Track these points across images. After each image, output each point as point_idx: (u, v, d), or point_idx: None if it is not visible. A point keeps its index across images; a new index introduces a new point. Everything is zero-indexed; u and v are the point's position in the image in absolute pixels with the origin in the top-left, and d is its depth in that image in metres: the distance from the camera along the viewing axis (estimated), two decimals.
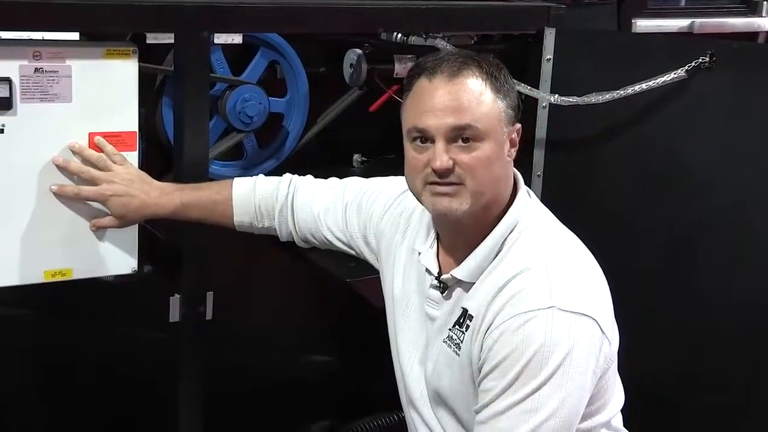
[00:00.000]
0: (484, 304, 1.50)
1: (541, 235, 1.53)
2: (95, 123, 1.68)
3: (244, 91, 1.99)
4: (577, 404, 1.46)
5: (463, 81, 1.48)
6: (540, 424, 1.42)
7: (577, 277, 1.50)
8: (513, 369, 1.43)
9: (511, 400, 1.43)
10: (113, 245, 1.75)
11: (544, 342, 1.42)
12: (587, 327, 1.45)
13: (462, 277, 1.55)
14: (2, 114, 1.59)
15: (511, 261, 1.51)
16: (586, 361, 1.45)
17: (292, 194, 1.85)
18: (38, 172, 1.65)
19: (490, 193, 1.51)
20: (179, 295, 1.81)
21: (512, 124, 1.52)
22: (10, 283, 1.67)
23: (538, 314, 1.43)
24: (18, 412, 2.11)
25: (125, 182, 1.70)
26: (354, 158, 2.35)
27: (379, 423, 2.57)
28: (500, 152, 1.50)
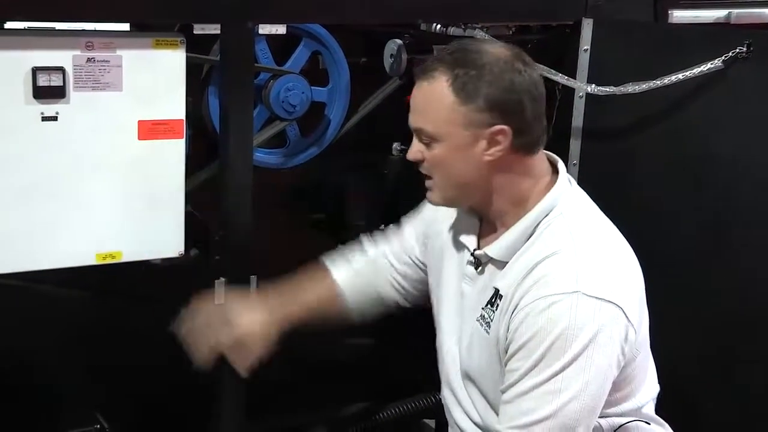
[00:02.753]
0: (513, 284, 1.51)
1: (575, 221, 1.54)
2: (144, 111, 1.69)
3: (287, 81, 2.00)
4: (599, 389, 1.46)
5: (423, 84, 1.52)
6: (562, 405, 1.43)
7: (606, 265, 1.49)
8: (537, 350, 1.44)
9: (535, 381, 1.45)
10: (161, 229, 1.77)
11: (568, 325, 1.43)
12: (612, 314, 1.45)
13: (494, 255, 1.56)
14: (56, 102, 1.61)
15: (543, 244, 1.51)
16: (611, 348, 1.45)
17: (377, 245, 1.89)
18: (90, 157, 1.67)
19: (458, 189, 1.55)
20: (224, 279, 1.82)
21: (486, 126, 1.49)
22: (64, 264, 1.70)
23: (563, 298, 1.44)
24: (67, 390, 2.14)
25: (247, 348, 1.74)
26: (393, 146, 2.34)
27: (415, 405, 2.57)
28: (460, 154, 1.51)
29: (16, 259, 1.65)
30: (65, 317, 2.11)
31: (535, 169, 1.56)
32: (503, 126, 1.48)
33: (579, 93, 2.12)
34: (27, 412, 2.06)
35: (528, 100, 1.49)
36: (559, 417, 1.43)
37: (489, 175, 1.53)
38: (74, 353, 2.15)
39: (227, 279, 1.82)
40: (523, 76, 1.49)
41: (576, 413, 1.44)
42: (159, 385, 2.22)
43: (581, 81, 2.10)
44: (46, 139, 1.62)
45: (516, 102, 1.48)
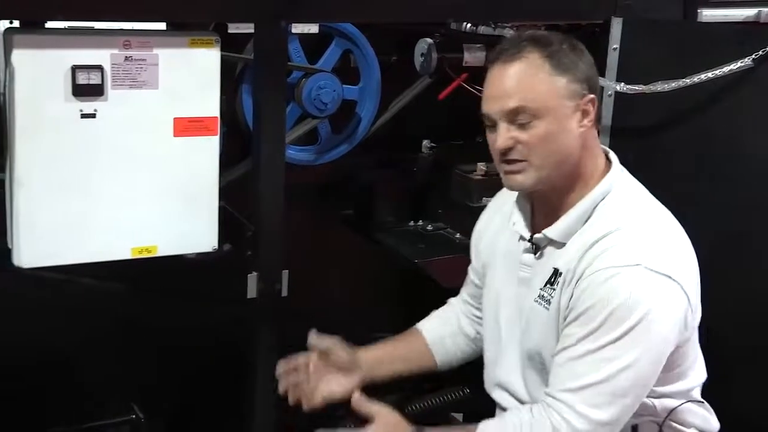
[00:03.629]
0: (573, 260, 1.54)
1: (632, 202, 1.58)
2: (179, 108, 1.71)
3: (319, 79, 2.01)
4: (653, 362, 1.48)
5: (515, 64, 1.52)
6: (615, 373, 1.45)
7: (667, 242, 1.52)
8: (596, 318, 1.46)
9: (590, 347, 1.46)
10: (195, 225, 1.78)
11: (629, 296, 1.44)
12: (672, 289, 1.47)
13: (553, 236, 1.59)
14: (95, 99, 1.62)
15: (602, 222, 1.54)
16: (668, 323, 1.47)
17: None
18: (127, 153, 1.68)
19: (558, 166, 1.55)
20: (256, 273, 1.84)
21: (580, 97, 1.53)
22: (101, 258, 1.71)
23: (624, 270, 1.46)
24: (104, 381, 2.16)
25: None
26: (423, 144, 2.35)
27: (443, 398, 2.57)
28: (563, 126, 1.53)
29: (56, 253, 1.67)
30: (103, 310, 2.14)
31: (598, 148, 1.60)
32: (592, 95, 1.54)
33: (608, 91, 2.11)
34: (65, 401, 2.08)
35: (596, 76, 1.57)
36: (610, 384, 1.45)
37: (579, 149, 1.56)
38: (111, 345, 2.18)
39: (259, 273, 1.84)
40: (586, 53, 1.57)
41: (627, 382, 1.45)
42: (193, 376, 2.24)
43: (610, 79, 2.09)
44: (85, 135, 1.64)
45: (594, 73, 1.56)
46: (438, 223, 2.26)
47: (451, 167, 2.22)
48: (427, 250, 2.14)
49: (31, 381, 2.08)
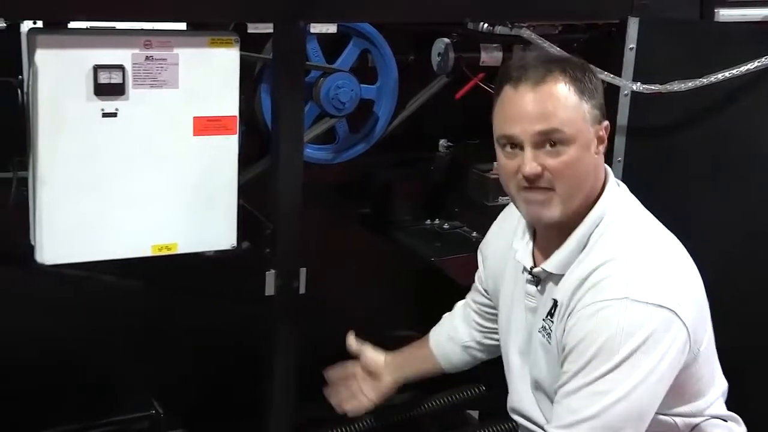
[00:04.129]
0: (569, 293, 1.51)
1: (625, 228, 1.53)
2: (199, 107, 1.71)
3: (337, 79, 2.01)
4: (650, 392, 1.44)
5: (547, 87, 1.47)
6: (608, 406, 1.42)
7: (658, 270, 1.48)
8: (587, 353, 1.44)
9: (583, 382, 1.44)
10: (214, 223, 1.79)
11: (616, 330, 1.42)
12: (665, 318, 1.43)
13: (551, 269, 1.56)
14: (116, 99, 1.63)
15: (596, 254, 1.51)
16: (664, 352, 1.43)
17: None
18: (147, 152, 1.69)
19: (580, 193, 1.51)
20: (274, 270, 1.84)
21: (599, 123, 1.51)
22: (122, 256, 1.72)
23: (612, 303, 1.43)
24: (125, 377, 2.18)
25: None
26: (440, 143, 2.35)
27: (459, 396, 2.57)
28: (587, 153, 1.50)
29: (78, 250, 1.68)
30: (123, 307, 2.15)
31: (602, 173, 1.57)
32: (607, 122, 1.53)
33: (624, 91, 2.10)
34: (86, 397, 2.10)
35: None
36: (604, 417, 1.42)
37: (593, 178, 1.53)
38: (131, 342, 2.19)
39: (277, 271, 1.84)
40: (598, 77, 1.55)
41: (622, 415, 1.43)
42: (212, 373, 2.25)
43: (627, 79, 2.08)
44: (106, 134, 1.65)
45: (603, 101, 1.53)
46: (454, 222, 2.26)
47: (468, 166, 2.22)
48: (444, 248, 2.14)
49: (52, 377, 2.10)
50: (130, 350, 2.18)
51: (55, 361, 2.09)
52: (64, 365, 2.10)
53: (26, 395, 2.05)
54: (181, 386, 2.21)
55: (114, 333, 2.15)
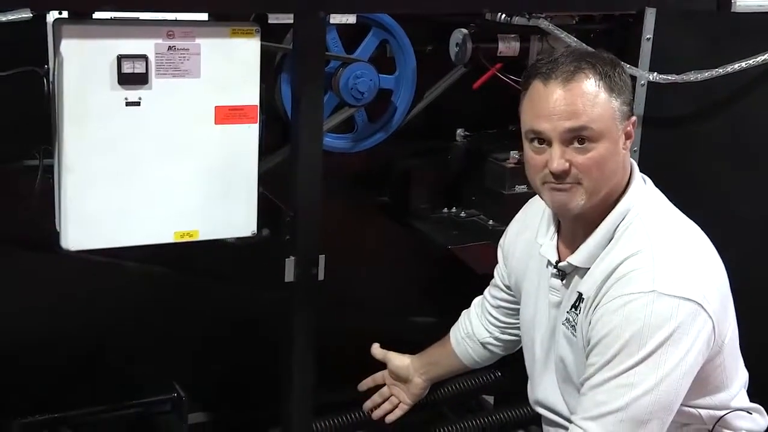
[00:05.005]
0: (594, 286, 1.51)
1: (651, 221, 1.52)
2: (220, 97, 1.72)
3: (356, 69, 2.01)
4: (675, 385, 1.44)
5: (577, 85, 1.46)
6: (634, 399, 1.42)
7: (684, 262, 1.47)
8: (613, 346, 1.44)
9: (609, 375, 1.44)
10: (235, 210, 1.79)
11: (643, 324, 1.41)
12: (691, 311, 1.42)
13: (577, 263, 1.56)
14: (139, 88, 1.64)
15: (622, 247, 1.50)
16: (689, 344, 1.43)
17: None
18: (170, 140, 1.70)
19: (606, 188, 1.51)
20: (294, 257, 1.85)
21: (627, 119, 1.51)
22: (144, 242, 1.73)
23: (639, 297, 1.43)
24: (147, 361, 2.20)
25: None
26: (457, 132, 2.35)
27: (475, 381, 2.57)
28: (616, 149, 1.50)
29: (101, 236, 1.70)
30: (145, 292, 2.17)
31: (629, 169, 1.56)
32: (634, 117, 1.52)
33: (641, 81, 2.09)
34: (110, 380, 2.12)
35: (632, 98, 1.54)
36: (630, 410, 1.42)
37: (620, 174, 1.53)
38: (153, 327, 2.20)
39: (297, 258, 1.85)
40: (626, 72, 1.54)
41: (648, 407, 1.42)
42: (233, 357, 2.26)
43: (643, 69, 2.07)
44: (130, 123, 1.66)
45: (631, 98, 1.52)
46: (471, 210, 2.26)
47: (485, 155, 2.22)
48: (461, 236, 2.15)
49: (76, 360, 2.12)
50: (152, 335, 2.19)
51: (78, 345, 2.11)
52: (88, 349, 2.12)
53: (50, 378, 2.07)
54: (202, 370, 2.23)
55: (136, 318, 2.17)
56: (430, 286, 2.55)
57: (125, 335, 2.17)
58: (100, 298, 2.12)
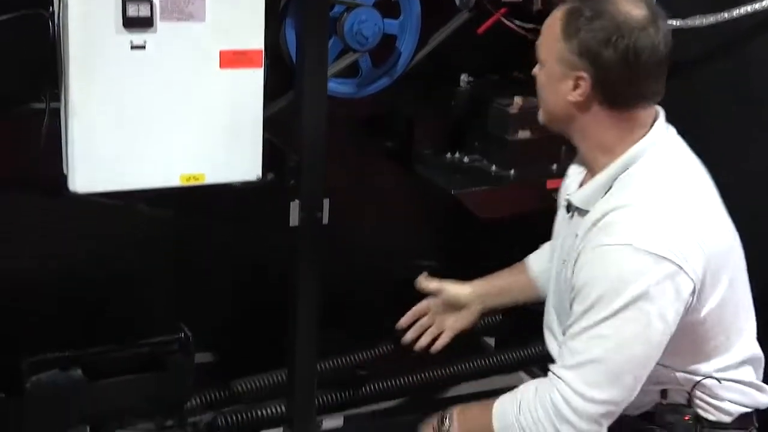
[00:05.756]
0: (583, 232, 1.52)
1: (653, 175, 1.51)
2: (225, 41, 1.70)
3: (360, 13, 1.98)
4: (650, 343, 1.44)
5: (551, 15, 1.53)
6: (609, 351, 1.43)
7: (672, 220, 1.45)
8: (590, 296, 1.44)
9: (586, 324, 1.45)
10: (241, 154, 1.79)
11: (617, 276, 1.42)
12: (668, 271, 1.42)
13: (576, 203, 1.58)
14: (144, 31, 1.63)
15: (615, 197, 1.50)
16: (664, 303, 1.42)
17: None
18: (175, 84, 1.69)
19: (547, 116, 1.58)
20: (299, 201, 1.86)
21: (573, 69, 1.49)
22: (152, 185, 1.74)
23: (616, 249, 1.43)
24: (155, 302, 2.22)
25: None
26: (461, 78, 2.33)
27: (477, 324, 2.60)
28: (551, 85, 1.54)
29: (109, 179, 1.70)
30: (152, 235, 2.18)
31: (628, 122, 1.53)
32: (584, 74, 1.48)
33: None
34: (119, 319, 2.14)
35: (621, 62, 1.47)
36: (605, 363, 1.43)
37: (573, 115, 1.53)
38: (160, 269, 2.23)
39: (301, 202, 1.86)
40: (633, 40, 1.46)
41: (624, 361, 1.43)
42: (238, 299, 2.29)
43: None
44: (135, 66, 1.65)
45: (607, 58, 1.47)
46: (475, 156, 2.26)
47: (489, 101, 2.21)
48: (464, 181, 2.15)
49: (86, 301, 2.14)
50: (159, 276, 2.21)
51: (87, 286, 2.13)
52: (97, 290, 2.15)
53: (60, 320, 2.10)
54: (208, 311, 2.25)
55: (144, 260, 2.19)
56: (433, 231, 2.56)
57: (133, 276, 2.19)
58: (109, 240, 2.14)
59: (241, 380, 2.21)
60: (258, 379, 2.22)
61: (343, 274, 2.14)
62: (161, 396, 2.06)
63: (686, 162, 1.58)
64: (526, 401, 1.51)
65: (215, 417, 2.13)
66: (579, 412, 1.45)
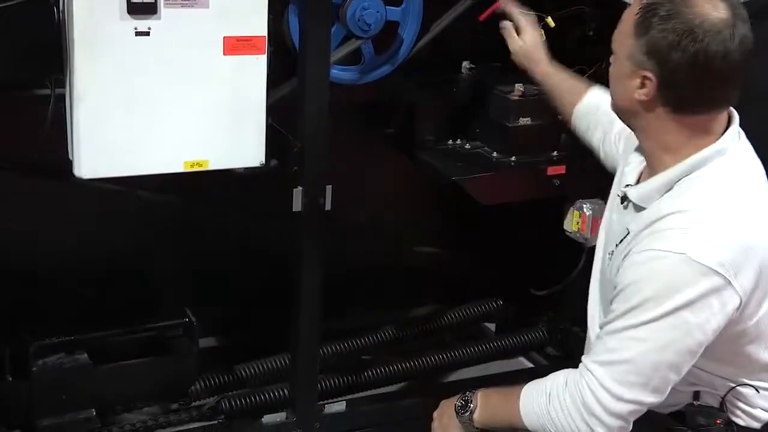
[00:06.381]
0: (637, 231, 1.49)
1: (714, 184, 1.47)
2: (229, 27, 1.71)
3: (363, 0, 1.98)
4: (686, 350, 1.43)
5: (629, 8, 1.49)
6: (643, 354, 1.43)
7: (728, 232, 1.42)
8: (634, 297, 1.43)
9: (624, 324, 1.44)
10: (244, 140, 1.79)
11: (667, 283, 1.40)
12: (716, 284, 1.39)
13: (634, 198, 1.55)
14: (149, 18, 1.63)
15: (676, 200, 1.47)
16: (709, 315, 1.41)
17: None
18: (179, 71, 1.69)
19: (616, 107, 1.55)
20: (301, 188, 1.86)
21: (641, 68, 1.45)
22: (155, 171, 1.74)
23: (668, 256, 1.40)
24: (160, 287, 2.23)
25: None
26: (463, 65, 2.33)
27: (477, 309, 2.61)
28: (620, 79, 1.50)
29: (114, 165, 1.70)
30: (156, 221, 2.18)
31: (694, 128, 1.48)
32: (650, 75, 1.44)
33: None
34: (124, 304, 2.15)
35: (690, 67, 1.41)
36: (637, 364, 1.43)
37: (638, 112, 1.50)
38: (164, 254, 2.23)
39: (304, 188, 1.86)
40: (704, 45, 1.39)
41: (654, 365, 1.42)
42: (242, 285, 2.29)
43: None
44: (139, 53, 1.65)
45: (675, 61, 1.41)
46: (476, 142, 2.25)
47: (490, 88, 2.20)
48: (465, 167, 2.15)
49: (92, 286, 2.15)
50: (163, 262, 2.22)
51: (92, 271, 2.14)
52: (102, 275, 2.15)
53: (66, 305, 2.10)
54: (212, 297, 2.26)
55: (148, 245, 2.19)
56: (435, 217, 2.56)
57: (138, 262, 2.19)
58: (113, 225, 2.14)
59: (245, 365, 2.22)
60: (261, 363, 2.23)
61: (345, 260, 2.15)
62: (166, 380, 2.07)
63: (752, 173, 1.54)
64: (556, 392, 1.51)
65: (219, 401, 2.13)
66: (606, 408, 1.45)
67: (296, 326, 1.97)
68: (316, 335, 1.98)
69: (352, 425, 2.13)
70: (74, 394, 1.96)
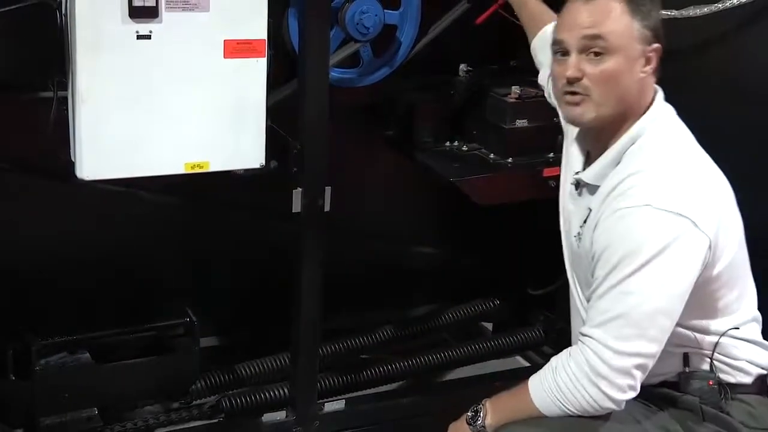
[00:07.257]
0: (599, 202, 1.55)
1: (660, 145, 1.55)
2: (229, 31, 1.71)
3: (361, 4, 1.99)
4: (673, 295, 1.48)
5: (600, 2, 1.52)
6: (635, 305, 1.47)
7: (684, 182, 1.50)
8: (613, 257, 1.48)
9: (610, 284, 1.48)
10: (244, 142, 1.80)
11: (638, 235, 1.46)
12: (684, 226, 1.46)
13: (588, 179, 1.60)
14: (150, 21, 1.64)
15: (627, 167, 1.53)
16: (684, 257, 1.47)
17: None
18: (180, 74, 1.70)
19: (616, 105, 1.54)
20: (301, 189, 1.86)
21: (648, 44, 1.53)
22: (157, 172, 1.75)
23: (634, 211, 1.47)
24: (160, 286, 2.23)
25: None
26: (460, 68, 2.33)
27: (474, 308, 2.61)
28: (629, 67, 1.52)
29: (115, 167, 1.71)
30: (157, 222, 2.19)
31: (650, 96, 1.58)
32: (659, 45, 1.53)
33: None
34: (125, 304, 2.15)
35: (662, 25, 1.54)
36: (631, 316, 1.46)
37: (635, 94, 1.55)
38: (165, 255, 2.23)
39: (303, 190, 1.86)
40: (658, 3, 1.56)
41: (648, 314, 1.46)
42: (243, 284, 2.30)
43: None
44: (141, 56, 1.65)
45: (661, 28, 1.54)
46: (473, 144, 2.26)
47: (487, 90, 2.21)
48: (462, 169, 2.15)
49: (94, 285, 2.15)
50: (165, 262, 2.22)
51: (94, 271, 2.14)
52: (103, 275, 2.16)
53: (68, 304, 2.11)
54: (213, 297, 2.26)
55: (150, 246, 2.19)
56: (433, 218, 2.57)
57: (139, 262, 2.20)
58: (115, 226, 2.14)
59: (245, 364, 2.22)
60: (261, 362, 2.23)
61: (344, 260, 2.15)
62: (167, 379, 2.07)
63: (687, 134, 1.62)
64: (562, 364, 1.54)
65: (219, 399, 2.14)
66: (611, 366, 1.48)
67: (296, 325, 1.97)
68: (316, 335, 1.98)
69: (351, 424, 2.14)
70: (76, 393, 1.96)
